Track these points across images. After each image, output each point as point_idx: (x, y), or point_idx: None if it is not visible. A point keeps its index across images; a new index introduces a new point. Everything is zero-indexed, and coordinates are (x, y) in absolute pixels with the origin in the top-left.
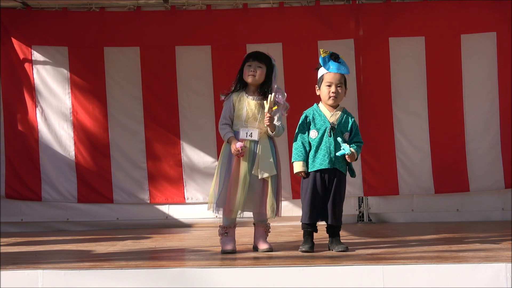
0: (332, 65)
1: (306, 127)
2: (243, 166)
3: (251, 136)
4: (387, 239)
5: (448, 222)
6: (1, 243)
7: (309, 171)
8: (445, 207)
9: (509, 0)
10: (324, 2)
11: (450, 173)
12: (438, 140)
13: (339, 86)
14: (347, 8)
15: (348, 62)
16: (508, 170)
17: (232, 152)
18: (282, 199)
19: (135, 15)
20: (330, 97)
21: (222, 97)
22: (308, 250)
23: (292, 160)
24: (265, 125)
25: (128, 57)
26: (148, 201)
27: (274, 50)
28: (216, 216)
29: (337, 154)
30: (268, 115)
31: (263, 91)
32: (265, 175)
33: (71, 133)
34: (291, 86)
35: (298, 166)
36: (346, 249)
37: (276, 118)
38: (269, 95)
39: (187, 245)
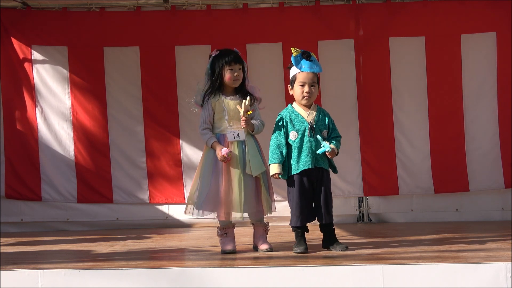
0: (304, 64)
1: (282, 128)
2: (235, 168)
3: (238, 137)
4: (387, 239)
5: (448, 222)
6: (1, 243)
7: (293, 173)
8: (444, 207)
9: (509, 0)
10: (324, 2)
11: (449, 173)
12: (438, 140)
13: (312, 86)
14: (347, 8)
15: (348, 62)
16: (507, 170)
17: (219, 159)
18: (282, 198)
19: (135, 15)
20: (304, 97)
21: (195, 105)
22: (303, 251)
23: (269, 162)
24: (242, 127)
25: (128, 57)
26: (148, 201)
27: (274, 50)
28: (221, 219)
29: (318, 152)
30: (244, 118)
31: (240, 90)
32: (257, 172)
33: (71, 133)
34: None
35: (273, 168)
36: (346, 249)
37: (255, 115)
38: (244, 101)
39: (187, 245)
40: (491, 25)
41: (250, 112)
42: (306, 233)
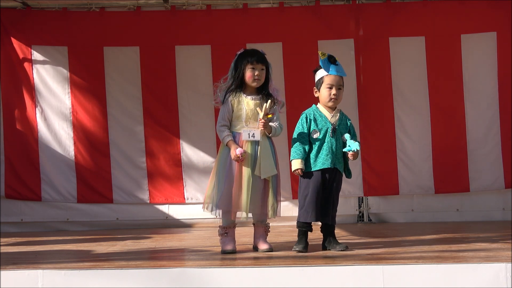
0: (332, 67)
1: (306, 126)
2: (246, 168)
3: (253, 136)
4: (387, 239)
5: (448, 222)
6: (1, 243)
7: (311, 170)
8: (445, 207)
9: (509, 0)
10: (324, 2)
11: (450, 173)
12: (439, 140)
13: (339, 89)
14: (347, 8)
15: (348, 62)
16: (508, 169)
17: (232, 158)
18: (282, 199)
19: (135, 15)
20: (331, 99)
21: (216, 102)
22: (302, 250)
23: (291, 158)
24: (260, 129)
25: (128, 57)
26: (148, 201)
27: (274, 50)
28: (216, 217)
29: (344, 150)
30: (262, 121)
31: (261, 90)
32: (267, 175)
33: (71, 133)
34: (291, 86)
35: (296, 164)
36: (346, 248)
37: (275, 118)
38: (265, 104)
39: (187, 245)
40: (491, 25)
41: (270, 116)
42: (309, 233)
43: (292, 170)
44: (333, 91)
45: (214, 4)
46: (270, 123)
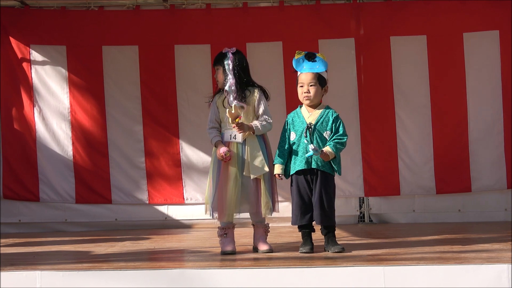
0: (306, 65)
1: (286, 129)
2: (232, 167)
3: (235, 138)
4: (388, 240)
5: (450, 223)
6: (0, 244)
7: (291, 173)
8: (447, 207)
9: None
10: (325, 1)
11: (452, 173)
12: (440, 139)
13: (311, 85)
14: (347, 7)
15: (349, 61)
16: (510, 169)
17: (218, 157)
18: (282, 199)
19: (134, 14)
20: (304, 97)
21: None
22: (308, 251)
23: (273, 162)
24: (239, 133)
25: (127, 56)
26: (147, 202)
27: (274, 49)
28: (216, 220)
29: (306, 155)
30: (234, 126)
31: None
32: (257, 174)
33: (69, 133)
34: (292, 85)
35: (275, 169)
36: (342, 250)
37: (261, 111)
38: (227, 109)
39: (186, 246)
40: (493, 24)
41: (237, 120)
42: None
43: (273, 174)
44: (304, 89)
45: (213, 3)
46: (254, 122)
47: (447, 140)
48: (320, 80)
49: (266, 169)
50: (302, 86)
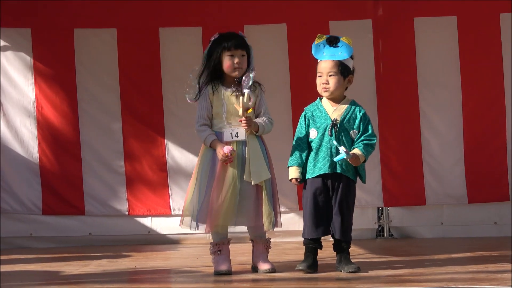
0: (327, 51)
1: (304, 125)
2: (231, 171)
3: (237, 136)
4: (412, 257)
5: (484, 238)
6: None
7: (308, 177)
8: (480, 219)
9: None
10: None
11: (487, 178)
12: (473, 139)
13: (331, 75)
14: None
15: (365, 47)
16: None
17: (220, 158)
18: (287, 210)
19: None
20: (322, 88)
21: (190, 97)
22: (305, 269)
23: (288, 165)
24: (244, 129)
25: (103, 41)
26: (127, 213)
27: (277, 33)
28: (202, 232)
29: (335, 159)
30: (243, 119)
31: (241, 80)
32: (259, 179)
33: (35, 132)
34: (297, 75)
35: (291, 172)
36: (358, 270)
37: (263, 109)
38: (241, 97)
39: (173, 265)
40: None
41: (250, 111)
42: (319, 250)
43: (289, 179)
44: (322, 79)
45: None
46: (257, 119)
47: (481, 140)
48: (342, 69)
49: (269, 174)
50: (320, 76)
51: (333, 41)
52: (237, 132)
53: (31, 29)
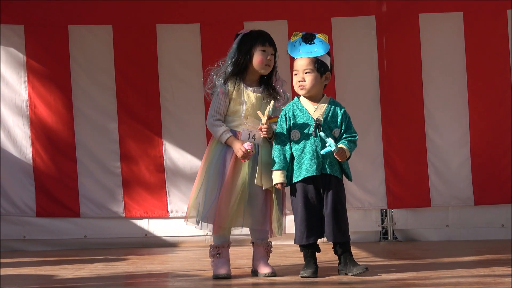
0: (302, 48)
1: (285, 126)
2: (243, 172)
3: (254, 138)
4: (417, 261)
5: (491, 241)
6: None
7: (295, 181)
8: (487, 222)
9: None
10: None
11: (494, 180)
12: (480, 139)
13: (307, 73)
14: None
15: (369, 44)
16: None
17: (239, 155)
18: (288, 212)
19: None
20: (298, 87)
21: (211, 89)
22: (310, 275)
23: (271, 168)
24: (262, 136)
25: (99, 38)
26: (123, 215)
27: (278, 29)
28: (207, 234)
29: (322, 152)
30: (265, 126)
31: (265, 81)
32: (270, 184)
33: (28, 131)
34: None
35: (275, 177)
36: (366, 271)
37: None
38: (268, 106)
39: (171, 268)
40: None
41: (274, 120)
42: (317, 253)
43: (272, 183)
44: (299, 77)
45: None
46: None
47: (488, 140)
48: (319, 66)
49: None
50: (296, 74)
51: (308, 38)
52: (254, 134)
53: (24, 25)
